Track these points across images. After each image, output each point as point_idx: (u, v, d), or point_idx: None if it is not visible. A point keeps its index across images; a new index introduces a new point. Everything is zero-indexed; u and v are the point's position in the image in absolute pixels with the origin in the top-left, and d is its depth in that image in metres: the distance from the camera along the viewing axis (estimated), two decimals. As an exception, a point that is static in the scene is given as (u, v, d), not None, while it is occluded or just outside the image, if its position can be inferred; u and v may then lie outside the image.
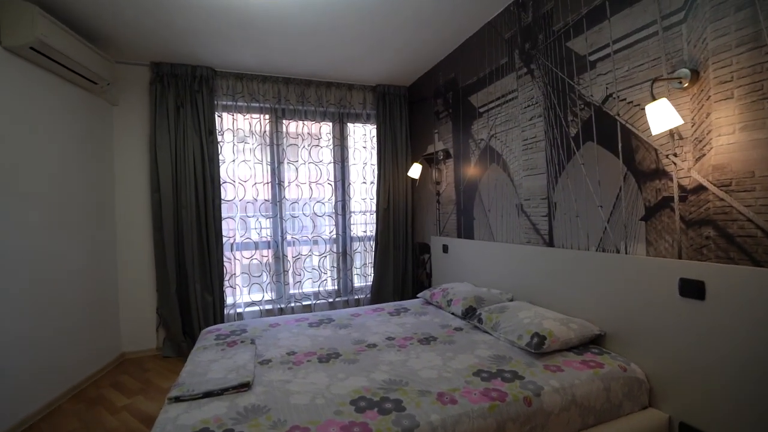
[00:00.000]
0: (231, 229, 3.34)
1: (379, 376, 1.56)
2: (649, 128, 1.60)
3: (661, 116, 1.38)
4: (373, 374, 1.59)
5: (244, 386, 1.48)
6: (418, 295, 2.91)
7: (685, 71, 1.44)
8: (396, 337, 2.07)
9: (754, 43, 1.27)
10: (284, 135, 3.52)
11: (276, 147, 3.47)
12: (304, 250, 3.60)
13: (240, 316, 3.32)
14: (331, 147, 3.71)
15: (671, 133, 1.52)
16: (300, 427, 1.21)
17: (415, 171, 3.38)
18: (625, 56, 1.70)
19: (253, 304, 3.40)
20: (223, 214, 3.26)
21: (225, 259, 3.26)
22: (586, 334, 1.78)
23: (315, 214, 3.63)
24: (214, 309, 3.16)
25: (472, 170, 2.89)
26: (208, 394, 1.43)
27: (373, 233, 3.83)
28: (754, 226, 1.28)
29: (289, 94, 3.51)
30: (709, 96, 1.39)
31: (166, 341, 3.10)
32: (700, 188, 1.44)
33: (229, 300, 3.32)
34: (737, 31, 1.31)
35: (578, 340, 1.75)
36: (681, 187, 1.50)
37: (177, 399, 1.40)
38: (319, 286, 3.63)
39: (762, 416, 1.25)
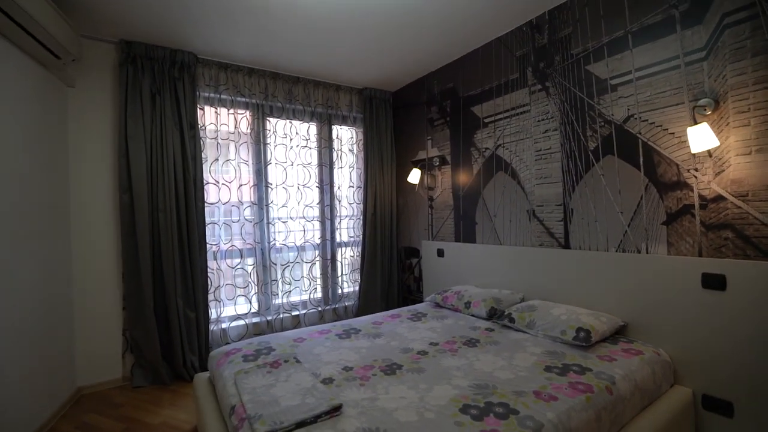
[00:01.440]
0: (215, 235, 2.97)
1: (462, 382, 1.56)
2: (671, 146, 1.88)
3: (701, 138, 1.64)
4: (454, 381, 1.58)
5: (337, 410, 1.35)
6: (426, 299, 2.94)
7: (709, 100, 1.73)
8: (438, 342, 2.07)
9: (768, 83, 1.59)
10: (271, 133, 3.26)
11: (263, 146, 3.19)
12: (292, 256, 3.36)
13: (225, 332, 2.97)
14: (319, 149, 3.55)
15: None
16: (435, 444, 1.15)
17: (414, 176, 3.41)
18: (648, 83, 1.97)
19: (238, 317, 3.06)
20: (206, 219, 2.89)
21: (208, 269, 2.89)
22: (614, 326, 1.99)
23: (304, 218, 3.42)
24: (198, 326, 2.77)
25: (474, 177, 3.03)
26: (300, 424, 1.27)
27: (360, 238, 3.75)
28: (768, 229, 1.60)
29: (276, 90, 3.26)
30: (728, 123, 1.70)
31: (136, 369, 2.62)
32: (719, 198, 1.74)
33: (212, 315, 2.94)
34: (753, 72, 1.62)
35: (609, 331, 1.96)
36: (701, 197, 1.79)
37: (268, 433, 1.22)
38: (309, 295, 3.43)
39: (778, 382, 1.56)
